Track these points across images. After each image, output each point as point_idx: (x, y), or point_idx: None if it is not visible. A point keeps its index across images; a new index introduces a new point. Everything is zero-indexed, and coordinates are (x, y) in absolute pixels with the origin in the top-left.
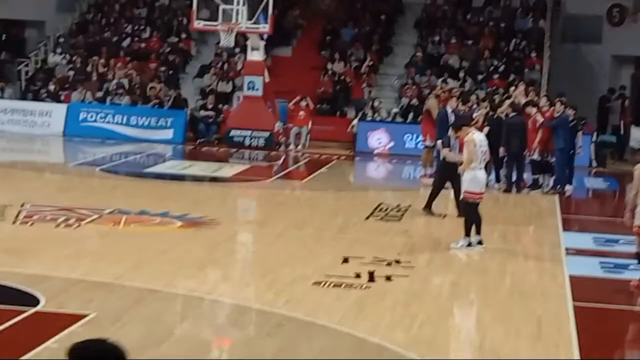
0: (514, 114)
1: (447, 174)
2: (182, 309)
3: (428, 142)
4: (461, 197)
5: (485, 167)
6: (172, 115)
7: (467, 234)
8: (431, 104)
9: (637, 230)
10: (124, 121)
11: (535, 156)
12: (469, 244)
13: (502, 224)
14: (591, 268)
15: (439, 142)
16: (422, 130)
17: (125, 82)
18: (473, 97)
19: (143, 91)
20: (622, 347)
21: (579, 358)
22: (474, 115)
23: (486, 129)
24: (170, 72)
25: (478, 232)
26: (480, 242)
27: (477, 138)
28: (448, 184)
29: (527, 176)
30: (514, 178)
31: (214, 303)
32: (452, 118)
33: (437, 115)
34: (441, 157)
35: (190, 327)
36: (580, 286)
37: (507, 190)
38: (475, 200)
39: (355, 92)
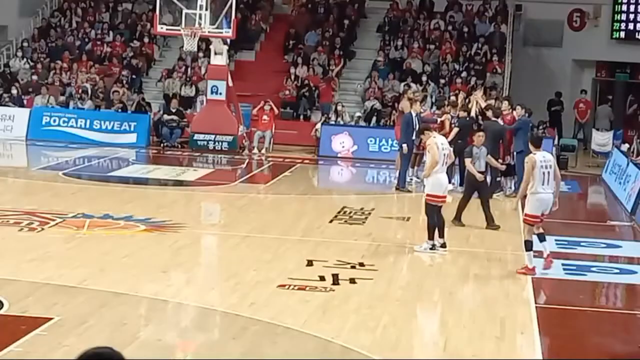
0: (494, 119)
1: (475, 183)
2: (147, 312)
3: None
4: (424, 199)
5: (448, 170)
6: (136, 119)
7: (430, 237)
8: (404, 105)
9: (525, 219)
10: (87, 125)
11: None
12: (432, 247)
13: (465, 227)
14: (553, 270)
15: (404, 145)
16: (395, 131)
17: (88, 86)
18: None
19: (106, 95)
20: (585, 348)
21: (542, 359)
22: (439, 119)
23: (455, 131)
24: (134, 76)
25: (441, 235)
26: (443, 245)
27: (439, 141)
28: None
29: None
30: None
31: (178, 306)
32: (416, 122)
33: (402, 118)
34: (466, 168)
35: (154, 331)
36: (543, 288)
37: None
38: (437, 204)
39: (324, 96)
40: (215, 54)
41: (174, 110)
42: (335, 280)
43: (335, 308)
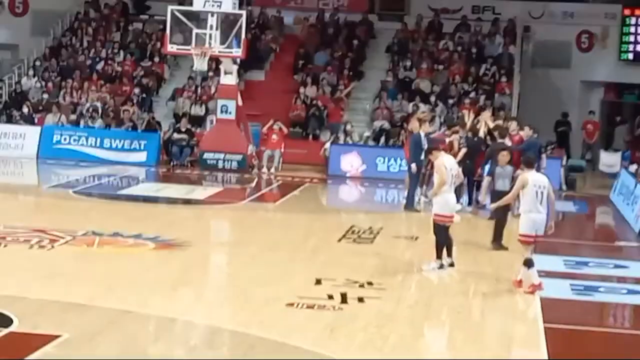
0: (501, 140)
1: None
2: (156, 329)
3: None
4: (432, 219)
5: (456, 190)
6: (146, 137)
7: (439, 256)
8: (413, 125)
9: (519, 239)
10: (98, 144)
11: None
12: (441, 266)
13: (474, 246)
14: (562, 290)
15: (413, 165)
16: (405, 151)
17: (99, 105)
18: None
19: (116, 114)
20: None
21: None
22: (447, 139)
23: (463, 151)
24: (144, 95)
25: (449, 254)
26: (451, 264)
27: (447, 161)
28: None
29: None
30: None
31: (187, 324)
32: (425, 142)
33: (411, 138)
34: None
35: (163, 348)
36: (551, 308)
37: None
38: (445, 223)
39: (332, 115)
40: (225, 73)
41: (183, 130)
42: (344, 299)
43: (344, 327)
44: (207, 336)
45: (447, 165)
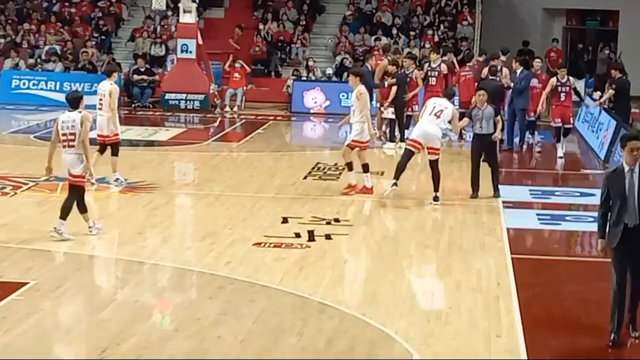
0: (491, 77)
1: (478, 148)
2: (123, 274)
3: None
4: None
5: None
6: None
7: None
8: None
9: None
10: (57, 87)
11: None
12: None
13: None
14: (528, 220)
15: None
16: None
17: (57, 48)
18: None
19: (75, 57)
20: (560, 297)
21: (518, 309)
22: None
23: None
24: (103, 37)
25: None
26: (395, 184)
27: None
28: None
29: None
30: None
31: (154, 267)
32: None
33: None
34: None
35: (131, 292)
36: (517, 238)
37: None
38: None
39: None
40: (184, 12)
41: (142, 70)
42: (311, 236)
43: (312, 264)
44: (175, 278)
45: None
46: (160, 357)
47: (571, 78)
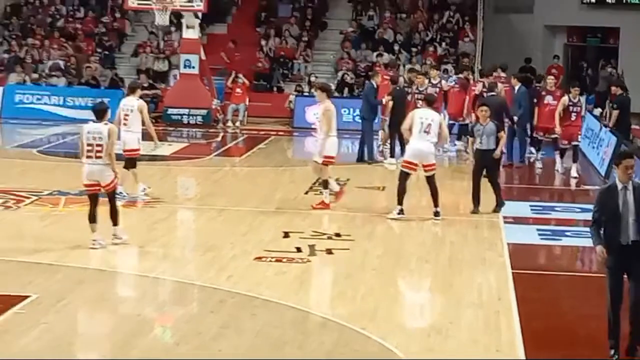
0: (491, 93)
1: (481, 162)
2: (125, 287)
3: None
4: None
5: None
6: (109, 95)
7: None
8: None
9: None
10: (61, 102)
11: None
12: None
13: (441, 194)
14: (529, 235)
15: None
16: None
17: (61, 63)
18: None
19: (79, 72)
20: (561, 312)
21: (519, 324)
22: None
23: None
24: (106, 52)
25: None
26: (401, 211)
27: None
28: None
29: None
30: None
31: (156, 281)
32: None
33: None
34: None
35: (133, 306)
36: (518, 254)
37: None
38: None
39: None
40: (187, 27)
41: (145, 85)
42: (312, 251)
43: (313, 279)
44: (177, 292)
45: (333, 111)
46: None
47: (582, 98)
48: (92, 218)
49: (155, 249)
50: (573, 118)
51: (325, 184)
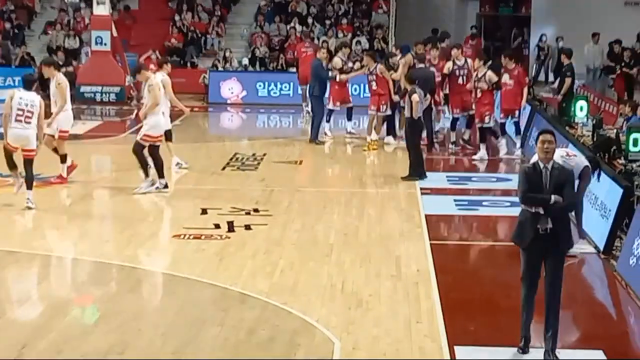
0: (421, 65)
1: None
2: (41, 269)
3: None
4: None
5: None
6: (20, 73)
7: (147, 174)
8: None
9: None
10: None
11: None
12: (165, 186)
13: (359, 169)
14: (446, 206)
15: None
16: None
17: None
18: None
19: None
20: (479, 282)
21: (437, 295)
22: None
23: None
24: (16, 30)
25: (161, 175)
26: (166, 186)
27: (160, 81)
28: None
29: None
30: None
31: (73, 261)
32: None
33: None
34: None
35: (50, 287)
36: (436, 225)
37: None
38: (155, 143)
39: None
40: (98, 3)
41: (61, 63)
42: (231, 227)
43: (232, 255)
44: (95, 272)
45: (160, 86)
46: (81, 351)
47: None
48: (12, 165)
49: (72, 228)
50: (460, 82)
51: (64, 158)
